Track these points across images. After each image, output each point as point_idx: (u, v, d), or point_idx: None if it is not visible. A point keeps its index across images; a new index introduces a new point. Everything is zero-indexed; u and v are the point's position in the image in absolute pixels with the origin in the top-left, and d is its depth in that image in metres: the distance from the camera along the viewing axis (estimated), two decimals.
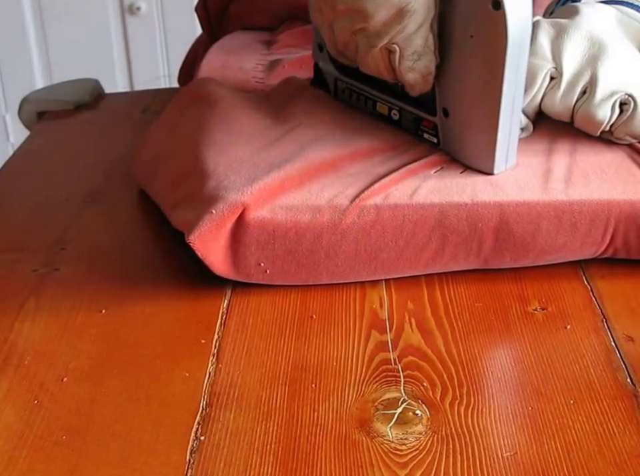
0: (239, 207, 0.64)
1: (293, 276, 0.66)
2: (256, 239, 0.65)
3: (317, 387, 0.56)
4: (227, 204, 0.64)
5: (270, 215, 0.65)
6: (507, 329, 0.61)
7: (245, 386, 0.57)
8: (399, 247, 0.66)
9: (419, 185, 0.67)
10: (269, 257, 0.65)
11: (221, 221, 0.64)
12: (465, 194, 0.66)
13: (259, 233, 0.65)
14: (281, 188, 0.66)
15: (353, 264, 0.66)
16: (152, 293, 0.67)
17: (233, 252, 0.65)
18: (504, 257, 0.66)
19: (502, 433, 0.52)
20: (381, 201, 0.65)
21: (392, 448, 0.51)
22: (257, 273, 0.66)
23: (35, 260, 0.72)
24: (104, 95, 1.14)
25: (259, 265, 0.66)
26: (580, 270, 0.67)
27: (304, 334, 0.62)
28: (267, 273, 0.66)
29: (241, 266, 0.66)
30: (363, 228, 0.65)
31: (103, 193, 0.84)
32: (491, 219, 0.65)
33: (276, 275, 0.66)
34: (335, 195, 0.66)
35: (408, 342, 0.60)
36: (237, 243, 0.65)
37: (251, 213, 0.64)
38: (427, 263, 0.67)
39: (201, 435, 0.52)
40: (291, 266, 0.66)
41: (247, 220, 0.64)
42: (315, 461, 0.50)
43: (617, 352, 0.58)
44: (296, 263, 0.66)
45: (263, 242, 0.65)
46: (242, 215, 0.64)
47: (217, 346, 0.61)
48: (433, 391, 0.55)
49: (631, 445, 0.50)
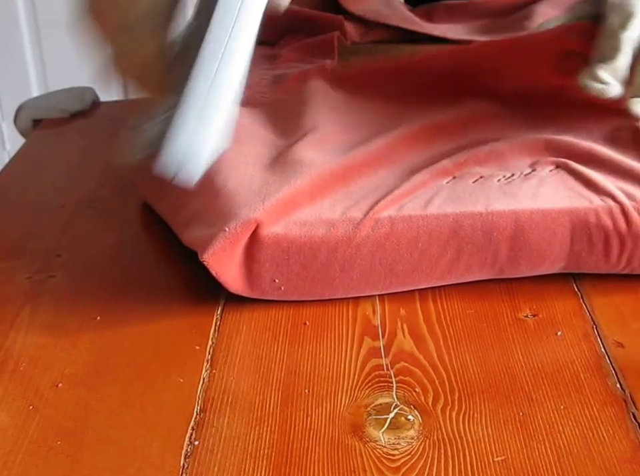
0: (252, 224, 0.63)
1: (308, 291, 0.66)
2: (270, 256, 0.64)
3: (310, 392, 0.57)
4: (240, 221, 0.63)
5: (284, 231, 0.64)
6: (498, 335, 0.62)
7: (238, 391, 0.57)
8: (414, 259, 0.65)
9: (432, 196, 0.67)
10: (283, 273, 0.65)
11: (234, 239, 0.63)
12: (478, 203, 0.66)
13: (273, 249, 0.64)
14: (293, 203, 0.66)
15: (368, 277, 0.65)
16: (147, 299, 0.67)
17: (247, 269, 0.65)
18: (519, 265, 0.66)
19: (493, 438, 0.52)
20: (394, 212, 0.65)
21: (384, 453, 0.51)
22: (272, 290, 0.65)
23: (30, 267, 0.72)
24: (100, 103, 1.15)
25: (274, 281, 0.65)
26: (570, 277, 0.68)
27: (297, 340, 0.62)
28: (281, 290, 0.65)
29: (256, 283, 0.65)
30: (378, 241, 0.64)
31: (99, 200, 0.84)
32: (506, 227, 0.65)
33: (291, 290, 0.65)
34: (348, 207, 0.66)
35: (400, 348, 0.61)
36: (251, 260, 0.64)
37: (264, 229, 0.64)
38: (442, 274, 0.66)
39: (195, 440, 0.53)
40: (306, 281, 0.65)
41: (261, 237, 0.64)
42: (308, 466, 0.50)
43: (607, 358, 0.59)
44: (311, 278, 0.65)
45: (277, 258, 0.64)
46: (255, 231, 0.64)
47: (211, 352, 0.61)
48: (425, 396, 0.56)
49: (621, 450, 0.51)
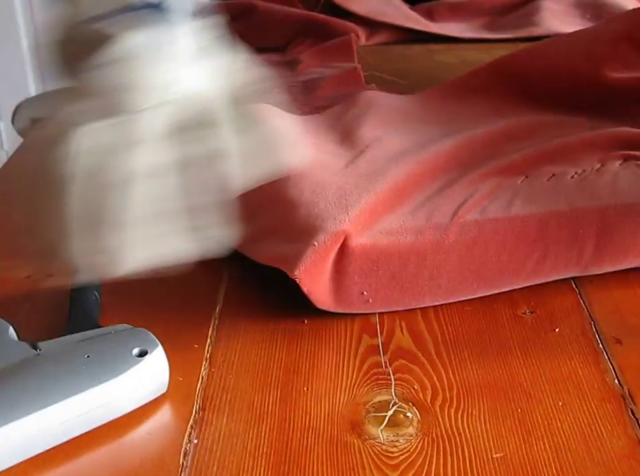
0: (340, 236, 0.62)
1: (396, 302, 0.64)
2: (360, 268, 0.63)
3: (308, 390, 0.57)
4: (328, 234, 0.62)
5: (372, 241, 0.63)
6: (496, 332, 0.62)
7: (237, 390, 0.57)
8: (502, 262, 0.65)
9: (511, 197, 0.67)
10: (372, 285, 0.64)
11: (324, 253, 0.62)
12: (560, 202, 0.65)
13: (362, 260, 0.63)
14: (375, 212, 0.65)
15: (456, 283, 0.65)
16: (145, 299, 0.67)
17: (335, 283, 0.63)
18: (604, 261, 0.66)
19: (491, 435, 0.52)
20: (479, 216, 0.65)
21: (383, 450, 0.51)
22: (360, 303, 0.64)
23: (28, 266, 0.72)
24: None
25: (362, 293, 0.64)
26: None
27: (295, 338, 0.62)
28: (369, 302, 0.64)
29: (343, 297, 0.64)
30: (467, 245, 0.64)
31: None
32: (592, 224, 0.64)
33: (378, 302, 0.64)
34: (431, 213, 0.65)
35: (398, 345, 0.61)
36: (339, 273, 0.63)
37: (352, 241, 0.63)
38: (528, 275, 0.65)
39: (194, 438, 0.53)
40: (394, 292, 0.64)
41: (350, 249, 0.63)
42: (307, 464, 0.50)
43: (605, 354, 0.59)
44: (399, 288, 0.64)
45: (366, 270, 0.63)
46: (344, 244, 0.63)
47: (210, 351, 0.61)
48: (424, 393, 0.56)
49: (619, 446, 0.51)
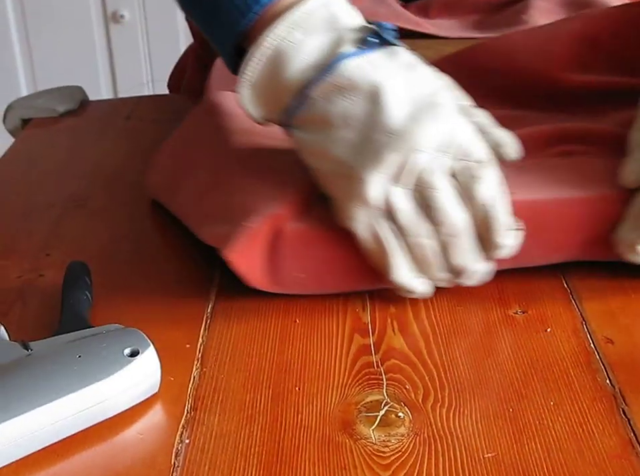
0: (274, 219, 0.64)
1: (329, 284, 0.66)
2: (293, 250, 0.64)
3: (300, 390, 0.57)
4: (261, 216, 0.63)
5: (306, 225, 0.64)
6: (488, 332, 0.62)
7: (229, 389, 0.57)
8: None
9: None
10: (305, 268, 0.65)
11: (256, 234, 0.63)
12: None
13: (295, 243, 0.64)
14: (313, 197, 0.66)
15: None
16: (137, 298, 0.67)
17: (268, 264, 0.64)
18: (535, 254, 0.66)
19: (483, 434, 0.52)
20: None
21: (375, 450, 0.51)
22: (294, 284, 0.65)
23: (20, 266, 0.72)
24: (88, 102, 1.15)
25: (296, 275, 0.65)
26: (560, 273, 0.68)
27: (287, 338, 0.62)
28: (303, 284, 0.65)
29: (277, 278, 0.65)
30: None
31: (87, 199, 0.84)
32: (523, 216, 0.64)
33: (312, 284, 0.65)
34: None
35: (390, 345, 0.61)
36: (274, 255, 0.64)
37: (287, 224, 0.64)
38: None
39: (185, 438, 0.53)
40: (327, 275, 0.65)
41: (284, 232, 0.64)
42: (298, 463, 0.50)
43: (597, 354, 0.59)
44: (332, 271, 0.65)
45: (299, 253, 0.64)
46: (277, 226, 0.64)
47: (202, 350, 0.61)
48: (415, 393, 0.56)
49: (610, 445, 0.51)
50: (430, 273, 0.64)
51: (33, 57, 2.43)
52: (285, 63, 0.64)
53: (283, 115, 0.66)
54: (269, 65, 0.65)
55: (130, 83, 2.43)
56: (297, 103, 0.65)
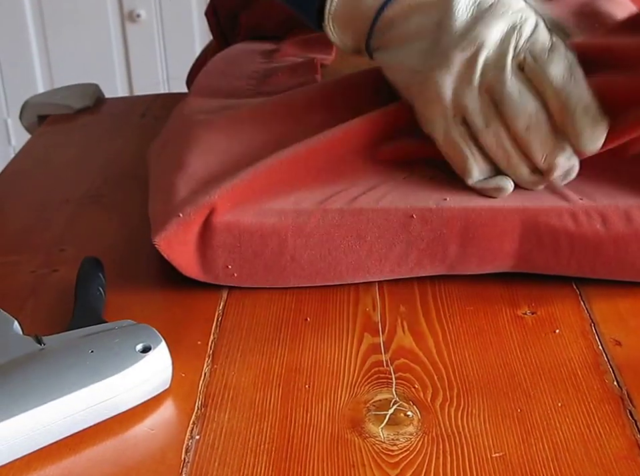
0: (205, 210, 0.65)
1: (260, 279, 0.67)
2: (222, 242, 0.65)
3: (310, 388, 0.57)
4: (193, 207, 0.65)
5: (235, 219, 0.65)
6: (497, 332, 0.62)
7: (239, 387, 0.57)
8: (363, 252, 0.66)
9: (388, 191, 0.67)
10: (236, 260, 0.66)
11: (187, 224, 0.64)
12: (430, 199, 0.66)
13: (225, 236, 0.65)
14: (249, 191, 0.67)
15: (319, 267, 0.66)
16: (149, 294, 0.68)
17: (200, 254, 0.66)
18: (470, 262, 0.67)
19: (491, 434, 0.52)
20: (345, 205, 0.66)
21: (383, 448, 0.51)
22: (225, 276, 0.67)
23: (34, 261, 0.73)
24: (104, 99, 1.15)
25: (227, 267, 0.66)
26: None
27: (298, 336, 0.62)
28: (234, 276, 0.67)
29: (209, 268, 0.66)
30: (327, 231, 0.65)
31: (102, 195, 0.85)
32: (455, 224, 0.65)
33: (243, 277, 0.67)
34: (301, 199, 0.67)
35: (400, 344, 0.61)
36: (204, 245, 0.65)
37: (217, 216, 0.65)
38: (392, 268, 0.67)
39: (196, 434, 0.53)
40: (258, 269, 0.66)
41: (214, 223, 0.65)
42: (307, 461, 0.51)
43: (605, 355, 0.59)
44: (263, 266, 0.66)
45: (229, 245, 0.65)
46: (208, 218, 0.65)
47: (213, 347, 0.61)
48: (424, 392, 0.56)
49: (617, 447, 0.51)
50: (512, 172, 0.66)
51: (49, 54, 2.45)
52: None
53: (366, 40, 0.73)
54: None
55: (145, 81, 2.44)
56: (377, 25, 0.71)
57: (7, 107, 2.50)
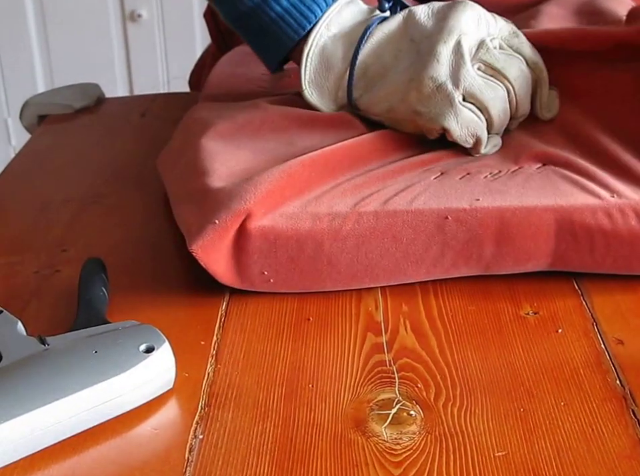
0: (241, 216, 0.64)
1: (297, 284, 0.66)
2: (258, 248, 0.65)
3: (313, 387, 0.57)
4: (229, 213, 0.64)
5: (271, 224, 0.65)
6: (500, 332, 0.62)
7: (243, 386, 0.57)
8: (399, 254, 0.66)
9: (420, 192, 0.67)
10: (271, 266, 0.65)
11: (223, 231, 0.64)
12: (463, 199, 0.66)
13: (260, 241, 0.65)
14: (282, 196, 0.66)
15: (355, 271, 0.66)
16: (153, 295, 0.68)
17: (236, 261, 0.65)
18: (505, 262, 0.67)
19: (494, 433, 0.52)
20: (380, 207, 0.66)
21: (386, 447, 0.51)
22: (261, 282, 0.66)
23: (36, 262, 0.73)
24: (104, 99, 1.15)
25: (263, 273, 0.66)
26: (571, 274, 0.68)
27: (301, 336, 0.63)
28: (270, 282, 0.66)
29: (245, 275, 0.66)
30: (363, 234, 0.65)
31: (104, 196, 0.85)
32: (491, 224, 0.65)
33: (279, 283, 0.66)
34: (335, 202, 0.66)
35: (402, 344, 0.61)
36: (239, 251, 0.65)
37: (252, 222, 0.64)
38: (428, 269, 0.67)
39: (199, 434, 0.53)
40: (294, 274, 0.66)
41: (249, 229, 0.64)
42: (310, 460, 0.51)
43: (607, 354, 0.59)
44: (299, 271, 0.66)
45: (265, 251, 0.65)
46: (244, 224, 0.64)
47: (216, 348, 0.62)
48: (427, 391, 0.56)
49: (620, 446, 0.51)
50: (503, 127, 0.76)
51: (50, 54, 2.45)
52: (331, 52, 0.77)
53: (345, 92, 0.77)
54: (320, 58, 0.77)
55: (146, 81, 2.44)
56: (355, 74, 0.76)
57: (7, 107, 2.50)
